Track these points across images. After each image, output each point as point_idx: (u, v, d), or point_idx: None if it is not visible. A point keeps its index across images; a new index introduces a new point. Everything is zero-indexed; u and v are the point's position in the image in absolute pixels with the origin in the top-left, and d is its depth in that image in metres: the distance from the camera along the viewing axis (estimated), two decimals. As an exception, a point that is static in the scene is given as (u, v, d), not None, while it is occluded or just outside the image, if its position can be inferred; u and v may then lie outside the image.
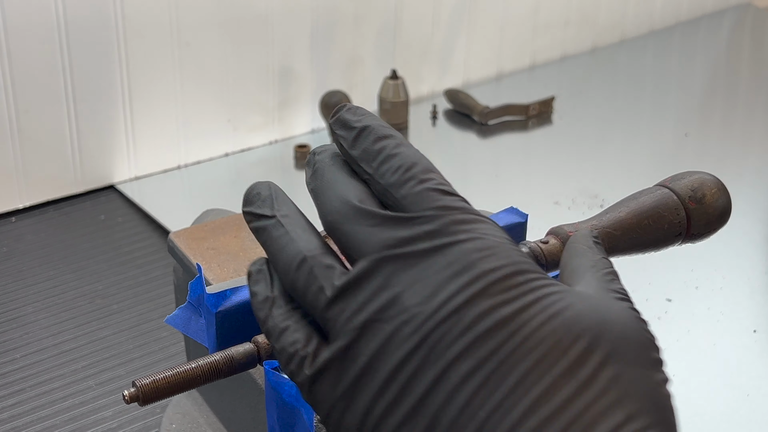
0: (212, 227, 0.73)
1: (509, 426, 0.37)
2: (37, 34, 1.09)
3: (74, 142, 1.16)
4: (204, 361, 0.50)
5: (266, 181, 0.47)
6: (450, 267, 0.40)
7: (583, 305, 0.40)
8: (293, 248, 0.43)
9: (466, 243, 0.41)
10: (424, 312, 0.39)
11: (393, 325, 0.40)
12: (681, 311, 0.97)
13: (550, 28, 1.60)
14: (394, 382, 0.39)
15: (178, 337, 0.93)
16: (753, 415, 0.84)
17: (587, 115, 1.45)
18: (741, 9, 1.87)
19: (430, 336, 0.39)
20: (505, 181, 1.26)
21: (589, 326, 0.39)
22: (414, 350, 0.39)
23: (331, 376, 0.41)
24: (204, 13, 1.21)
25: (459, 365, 0.38)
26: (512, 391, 0.37)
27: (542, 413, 0.37)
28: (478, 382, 0.38)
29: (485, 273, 0.40)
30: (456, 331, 0.39)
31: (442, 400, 0.38)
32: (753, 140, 1.42)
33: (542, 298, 0.40)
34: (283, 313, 0.43)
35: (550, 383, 0.38)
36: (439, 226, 0.42)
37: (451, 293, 0.39)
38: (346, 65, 1.37)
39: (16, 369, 0.90)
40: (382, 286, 0.40)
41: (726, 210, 0.62)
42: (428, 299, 0.39)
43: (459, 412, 0.38)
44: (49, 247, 1.09)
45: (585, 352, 0.38)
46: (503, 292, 0.39)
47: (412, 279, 0.40)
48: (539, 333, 0.39)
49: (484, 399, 0.38)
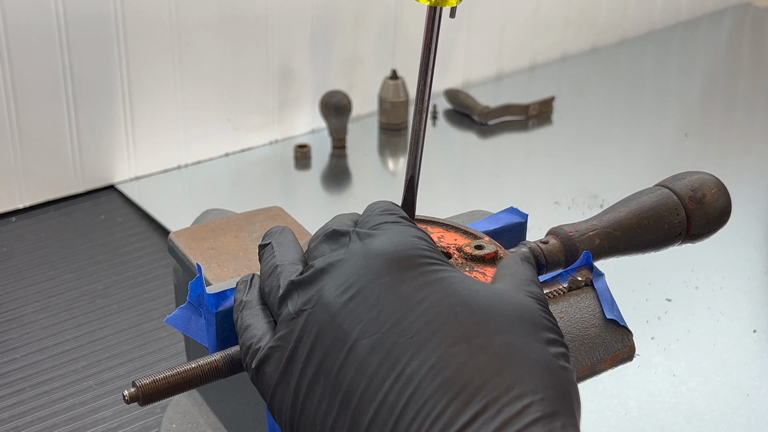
0: (212, 227, 0.73)
1: (410, 392, 0.41)
2: (37, 34, 1.09)
3: (74, 142, 1.16)
4: (204, 361, 0.50)
5: (283, 226, 0.54)
6: (364, 259, 0.46)
7: (484, 289, 0.45)
8: (272, 261, 0.50)
9: (377, 239, 0.47)
10: (337, 296, 0.45)
11: (311, 312, 0.45)
12: (681, 311, 0.97)
13: (550, 28, 1.60)
14: (310, 362, 0.44)
15: (178, 337, 0.93)
16: (753, 415, 0.84)
17: (587, 115, 1.45)
18: (741, 9, 1.87)
19: (338, 316, 0.44)
20: (505, 181, 1.26)
21: (487, 304, 0.44)
22: (323, 331, 0.44)
23: (272, 363, 0.46)
24: (204, 13, 1.21)
25: (363, 341, 0.43)
26: (412, 358, 0.42)
27: (440, 377, 0.41)
28: (381, 355, 0.42)
29: (391, 260, 0.45)
30: (361, 308, 0.44)
31: (351, 374, 0.43)
32: (753, 140, 1.42)
33: (442, 280, 0.45)
34: (251, 314, 0.49)
35: (446, 350, 0.42)
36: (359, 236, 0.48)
37: (358, 277, 0.45)
38: (346, 65, 1.37)
39: (16, 369, 0.90)
40: (316, 283, 0.46)
41: (726, 210, 0.62)
42: (341, 286, 0.45)
43: (367, 385, 0.42)
44: (49, 247, 1.09)
45: (479, 324, 0.43)
46: (403, 272, 0.45)
47: (335, 275, 0.46)
48: (437, 307, 0.43)
49: (388, 370, 0.42)
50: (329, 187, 1.25)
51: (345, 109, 1.27)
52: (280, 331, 0.46)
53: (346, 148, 1.31)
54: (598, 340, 0.57)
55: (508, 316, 0.43)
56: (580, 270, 0.58)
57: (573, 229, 0.60)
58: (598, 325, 0.57)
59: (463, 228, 0.58)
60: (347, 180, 1.27)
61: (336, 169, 1.29)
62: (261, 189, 1.23)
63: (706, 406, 0.84)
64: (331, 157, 1.30)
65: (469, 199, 1.22)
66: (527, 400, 0.40)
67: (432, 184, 1.24)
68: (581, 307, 0.57)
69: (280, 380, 0.45)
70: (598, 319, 0.57)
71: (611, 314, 0.57)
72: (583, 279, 0.58)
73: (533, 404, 0.40)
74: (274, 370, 0.46)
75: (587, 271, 0.58)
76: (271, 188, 1.24)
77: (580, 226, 0.60)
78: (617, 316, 0.57)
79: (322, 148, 1.31)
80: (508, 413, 0.39)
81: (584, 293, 0.58)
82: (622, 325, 0.57)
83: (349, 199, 1.22)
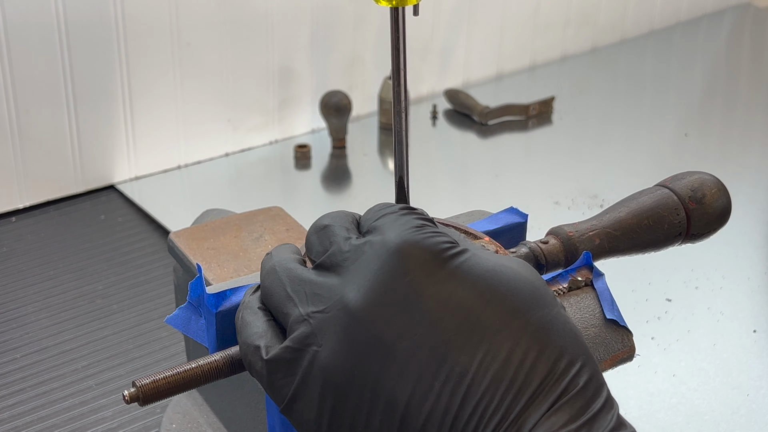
0: (212, 227, 0.73)
1: (465, 390, 0.41)
2: (37, 34, 1.09)
3: (74, 142, 1.16)
4: (204, 361, 0.50)
5: (291, 244, 0.52)
6: (378, 256, 0.45)
7: (500, 266, 0.45)
8: (270, 263, 0.49)
9: (385, 233, 0.46)
10: (357, 298, 0.44)
11: (329, 315, 0.44)
12: (681, 311, 0.97)
13: (550, 28, 1.60)
14: (337, 369, 0.43)
15: (178, 337, 0.93)
16: (753, 415, 0.84)
17: (587, 115, 1.45)
18: (741, 9, 1.87)
19: (363, 319, 0.43)
20: (505, 181, 1.26)
21: (509, 283, 0.44)
22: (349, 336, 0.43)
23: (287, 367, 0.44)
24: (204, 13, 1.21)
25: (402, 344, 0.42)
26: (459, 355, 0.41)
27: (492, 369, 0.41)
28: (424, 356, 0.42)
29: (407, 254, 0.44)
30: (390, 310, 0.43)
31: (394, 379, 0.42)
32: (753, 140, 1.42)
33: (462, 266, 0.44)
34: (251, 313, 0.48)
35: (490, 341, 0.42)
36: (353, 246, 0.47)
37: (376, 276, 0.44)
38: (346, 65, 1.37)
39: (16, 369, 0.90)
40: (327, 284, 0.45)
41: (726, 210, 0.62)
42: (360, 288, 0.44)
43: (414, 388, 0.41)
44: (49, 247, 1.09)
45: (511, 307, 0.43)
46: (423, 266, 0.44)
47: (350, 275, 0.45)
48: (468, 300, 0.43)
49: (435, 371, 0.42)
50: (329, 187, 1.25)
51: (345, 109, 1.27)
52: (292, 332, 0.45)
53: (346, 148, 1.31)
54: (598, 340, 0.57)
55: (528, 291, 0.44)
56: (580, 270, 0.58)
57: (573, 229, 0.60)
58: (598, 325, 0.57)
59: (463, 228, 0.58)
60: (347, 180, 1.27)
61: (336, 169, 1.29)
62: (261, 189, 1.23)
63: (706, 406, 0.85)
64: (331, 157, 1.30)
65: (469, 199, 1.22)
66: (576, 367, 0.42)
67: (432, 184, 1.24)
68: (581, 307, 0.57)
69: (301, 387, 0.44)
70: (598, 319, 0.57)
71: (611, 314, 0.57)
72: (583, 279, 0.58)
73: (583, 368, 0.42)
74: (290, 374, 0.44)
75: (587, 271, 0.58)
76: (271, 188, 1.24)
77: (580, 226, 0.60)
78: (617, 316, 0.57)
79: (322, 148, 1.31)
80: (561, 385, 0.41)
81: (584, 293, 0.58)
82: (622, 325, 0.57)
83: (349, 199, 1.22)
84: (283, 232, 0.72)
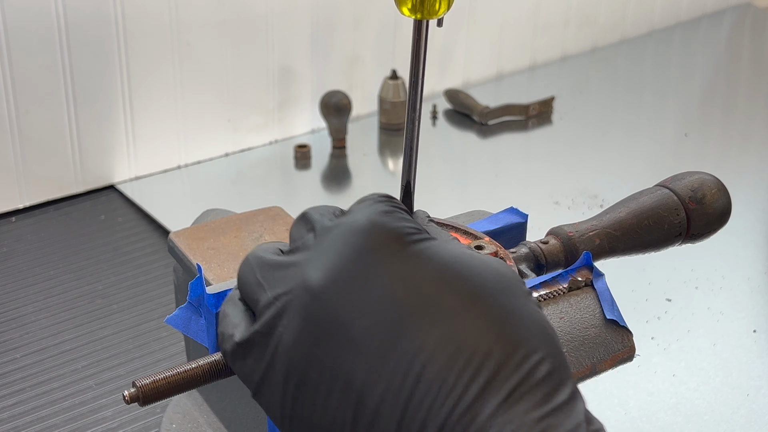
0: (212, 227, 0.73)
1: (419, 369, 0.40)
2: (37, 34, 1.09)
3: (74, 142, 1.16)
4: (204, 361, 0.50)
5: (277, 242, 0.52)
6: (342, 237, 0.44)
7: (466, 254, 0.44)
8: (247, 256, 0.49)
9: (349, 217, 0.45)
10: (319, 278, 0.43)
11: (292, 297, 0.43)
12: (681, 311, 0.97)
13: (550, 28, 1.60)
14: (299, 350, 0.42)
15: (178, 337, 0.93)
16: (753, 415, 0.84)
17: (587, 115, 1.45)
18: (741, 9, 1.87)
19: (323, 299, 0.42)
20: (505, 181, 1.26)
21: (474, 270, 0.43)
22: (309, 316, 0.42)
23: (255, 352, 0.44)
24: (204, 13, 1.21)
25: (359, 322, 0.42)
26: (415, 335, 0.41)
27: (448, 349, 0.40)
28: (381, 335, 0.41)
29: (369, 235, 0.44)
30: (349, 289, 0.42)
31: (351, 358, 0.41)
32: (753, 140, 1.42)
33: (425, 250, 0.44)
34: (231, 305, 0.48)
35: (448, 322, 0.41)
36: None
37: (338, 256, 0.43)
38: (346, 65, 1.37)
39: (16, 369, 0.90)
40: (292, 265, 0.45)
41: (726, 210, 0.62)
42: (321, 267, 0.43)
43: (370, 367, 0.41)
44: (49, 247, 1.09)
45: (473, 292, 0.42)
46: (385, 247, 0.43)
47: (313, 256, 0.44)
48: (429, 280, 0.42)
49: (389, 349, 0.41)
50: (329, 187, 1.25)
51: (345, 109, 1.27)
52: (260, 318, 0.45)
53: (346, 148, 1.31)
54: (598, 341, 0.57)
55: (494, 279, 0.43)
56: (580, 270, 0.58)
57: (573, 229, 0.60)
58: (598, 325, 0.57)
59: (463, 228, 0.58)
60: (347, 180, 1.27)
61: (336, 169, 1.29)
62: (261, 189, 1.23)
63: (706, 406, 0.84)
64: (331, 157, 1.30)
65: (469, 199, 1.22)
66: (536, 357, 0.41)
67: (432, 184, 1.24)
68: (581, 307, 0.57)
69: (267, 371, 0.44)
70: (598, 319, 0.57)
71: (611, 314, 0.57)
72: (583, 279, 0.58)
73: (544, 360, 0.41)
74: (259, 359, 0.44)
75: (587, 272, 0.58)
76: (271, 188, 1.24)
77: (580, 227, 0.60)
78: (617, 316, 0.57)
79: (322, 148, 1.31)
80: (519, 374, 0.40)
81: (584, 293, 0.58)
82: (622, 326, 0.57)
83: (349, 199, 1.22)
84: (283, 232, 0.72)
